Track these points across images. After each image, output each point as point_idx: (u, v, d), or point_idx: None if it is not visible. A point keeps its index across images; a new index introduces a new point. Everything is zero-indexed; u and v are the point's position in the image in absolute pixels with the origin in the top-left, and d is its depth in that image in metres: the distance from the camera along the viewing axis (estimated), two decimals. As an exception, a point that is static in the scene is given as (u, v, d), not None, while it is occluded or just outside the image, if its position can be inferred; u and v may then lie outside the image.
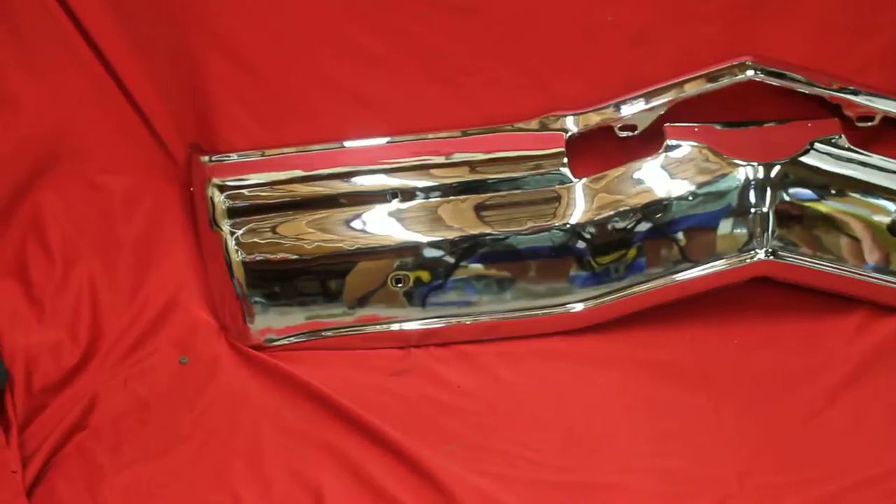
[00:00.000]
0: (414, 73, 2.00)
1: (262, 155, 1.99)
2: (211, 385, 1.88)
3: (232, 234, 1.95)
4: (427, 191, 1.98)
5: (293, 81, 2.00)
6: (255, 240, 1.95)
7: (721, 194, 1.94)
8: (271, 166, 1.99)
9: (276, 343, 1.96)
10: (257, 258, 1.94)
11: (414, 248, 1.95)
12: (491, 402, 1.85)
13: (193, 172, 2.00)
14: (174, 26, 1.95)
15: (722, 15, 1.99)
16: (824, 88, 1.96)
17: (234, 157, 1.99)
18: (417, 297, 1.96)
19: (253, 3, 1.95)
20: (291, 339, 1.96)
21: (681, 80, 1.96)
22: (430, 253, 1.95)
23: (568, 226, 1.94)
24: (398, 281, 1.95)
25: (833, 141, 1.95)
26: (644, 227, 1.95)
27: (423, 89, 2.01)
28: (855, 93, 1.96)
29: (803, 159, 1.94)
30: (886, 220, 1.94)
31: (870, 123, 1.98)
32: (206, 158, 1.98)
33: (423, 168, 1.99)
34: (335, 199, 1.97)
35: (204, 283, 2.00)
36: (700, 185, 1.94)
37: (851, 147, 1.95)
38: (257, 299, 1.95)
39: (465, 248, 1.95)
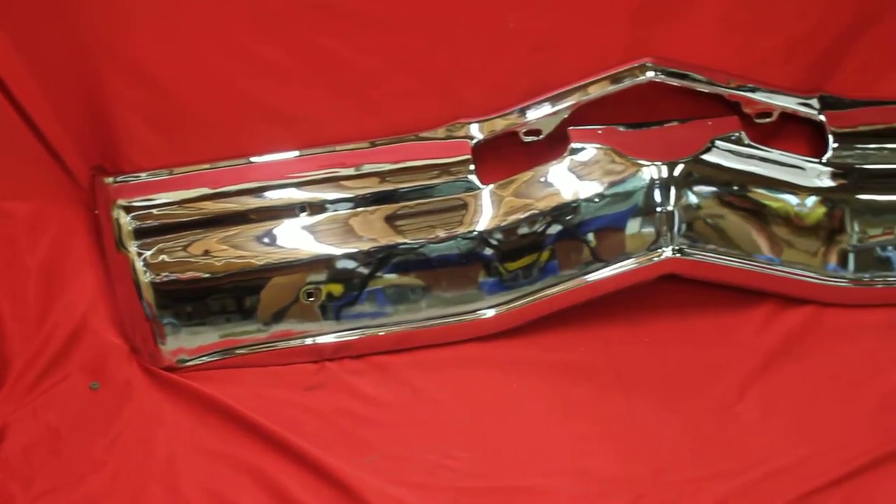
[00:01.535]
0: (320, 86, 1.99)
1: (171, 173, 1.97)
2: (123, 409, 1.86)
3: (140, 255, 1.92)
4: (336, 203, 1.97)
5: (199, 98, 1.98)
6: (165, 260, 1.93)
7: (627, 195, 1.95)
8: (179, 185, 1.97)
9: (188, 363, 1.94)
10: (167, 278, 1.92)
11: (324, 261, 1.94)
12: (407, 411, 1.86)
13: (97, 195, 1.97)
14: (73, 46, 1.92)
15: (624, 18, 2.01)
16: (723, 87, 1.99)
17: (143, 176, 1.96)
18: (330, 310, 1.95)
19: (154, 21, 1.93)
20: (204, 358, 1.95)
21: (583, 83, 1.98)
22: (341, 265, 1.95)
23: (475, 233, 1.95)
24: (310, 295, 1.94)
25: (733, 138, 1.98)
26: (554, 229, 1.96)
27: (330, 101, 2.00)
28: (753, 90, 2.00)
29: (705, 157, 1.96)
30: (789, 213, 1.97)
31: (768, 119, 2.01)
32: (111, 180, 1.96)
33: (332, 180, 1.98)
34: (245, 215, 1.96)
35: (113, 307, 1.98)
36: (606, 187, 1.95)
37: (751, 143, 1.98)
38: (168, 320, 1.93)
39: (376, 259, 1.95)
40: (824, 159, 1.99)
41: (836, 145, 1.99)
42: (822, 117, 2.01)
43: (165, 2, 1.92)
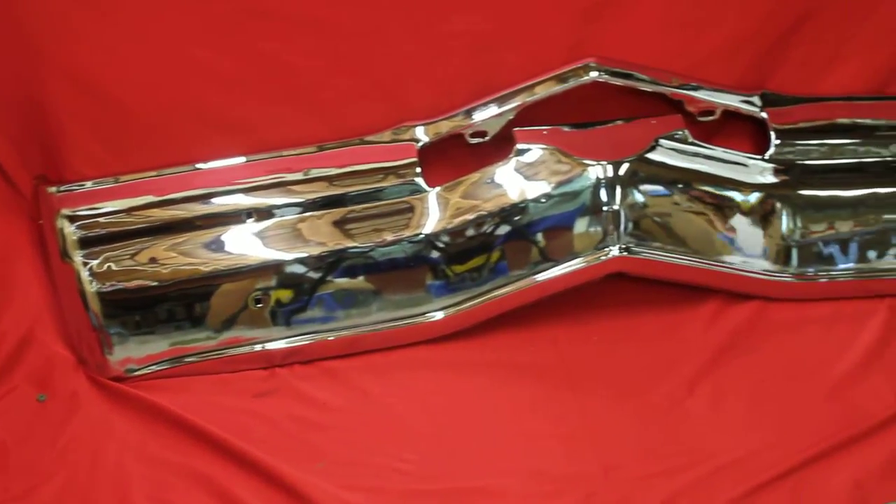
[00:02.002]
0: (264, 91, 1.99)
1: (116, 181, 1.95)
2: (72, 421, 1.84)
3: (85, 264, 1.90)
4: (284, 208, 1.96)
5: (142, 106, 1.96)
6: (111, 269, 1.91)
7: (574, 194, 1.96)
8: (125, 193, 1.95)
9: (137, 373, 1.92)
10: (113, 288, 1.90)
11: (273, 267, 1.94)
12: (359, 416, 1.85)
13: (41, 204, 1.95)
14: (13, 54, 1.90)
15: (566, 18, 2.02)
16: (666, 86, 2.00)
17: (88, 185, 1.95)
18: (280, 316, 1.95)
19: (96, 28, 1.91)
20: (153, 367, 1.93)
21: (527, 84, 1.98)
22: (289, 270, 1.94)
23: (421, 236, 1.95)
24: (258, 301, 1.93)
25: (677, 136, 2.00)
26: (503, 230, 1.96)
27: (274, 106, 2.00)
28: (695, 89, 2.01)
29: (650, 156, 1.98)
30: (734, 210, 1.99)
31: (711, 117, 2.03)
32: (54, 189, 1.93)
33: (280, 186, 1.97)
34: (192, 222, 1.95)
35: (59, 318, 1.96)
36: (554, 187, 1.96)
37: (695, 141, 2.00)
38: (115, 330, 1.91)
39: (325, 264, 1.94)
40: (767, 156, 2.02)
41: (778, 142, 2.02)
42: (764, 114, 2.03)
43: (107, 9, 1.91)
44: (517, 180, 1.97)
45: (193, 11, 1.92)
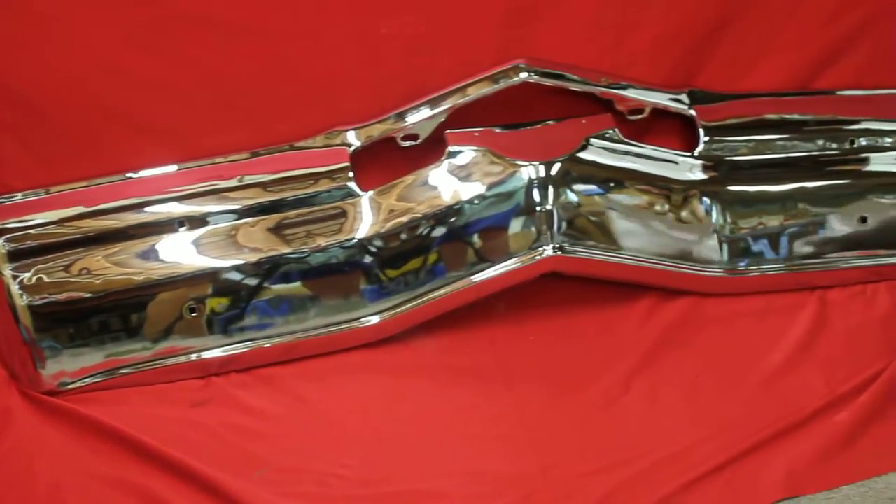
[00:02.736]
0: (193, 97, 1.97)
1: (47, 192, 1.93)
2: (4, 438, 1.80)
3: (15, 277, 1.87)
4: (218, 215, 1.95)
5: (70, 115, 1.94)
6: (42, 282, 1.88)
7: (508, 195, 1.97)
8: (55, 204, 1.92)
9: (71, 386, 1.90)
10: (44, 301, 1.88)
11: (208, 275, 1.92)
12: (297, 422, 1.85)
13: (-32, 218, 1.92)
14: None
15: (495, 21, 2.03)
16: (595, 85, 2.02)
17: (18, 196, 1.92)
18: (216, 324, 1.94)
19: (20, 37, 1.88)
20: (87, 380, 1.91)
21: (457, 86, 1.99)
22: (224, 278, 1.93)
23: (354, 240, 1.95)
24: (192, 310, 1.92)
25: (607, 135, 2.02)
26: (438, 232, 1.97)
27: (204, 113, 1.98)
28: (624, 87, 2.04)
29: (581, 155, 1.99)
30: (665, 207, 2.02)
31: (640, 116, 2.05)
32: (-19, 202, 1.91)
33: (213, 193, 1.96)
34: (124, 232, 1.93)
35: (-11, 333, 1.93)
36: (487, 188, 1.97)
37: (625, 140, 2.02)
38: (47, 343, 1.88)
39: (260, 271, 1.94)
40: (696, 153, 2.04)
41: (706, 139, 2.05)
42: (692, 112, 2.06)
43: (32, 18, 1.88)
44: (451, 182, 1.98)
45: (122, 18, 1.91)
